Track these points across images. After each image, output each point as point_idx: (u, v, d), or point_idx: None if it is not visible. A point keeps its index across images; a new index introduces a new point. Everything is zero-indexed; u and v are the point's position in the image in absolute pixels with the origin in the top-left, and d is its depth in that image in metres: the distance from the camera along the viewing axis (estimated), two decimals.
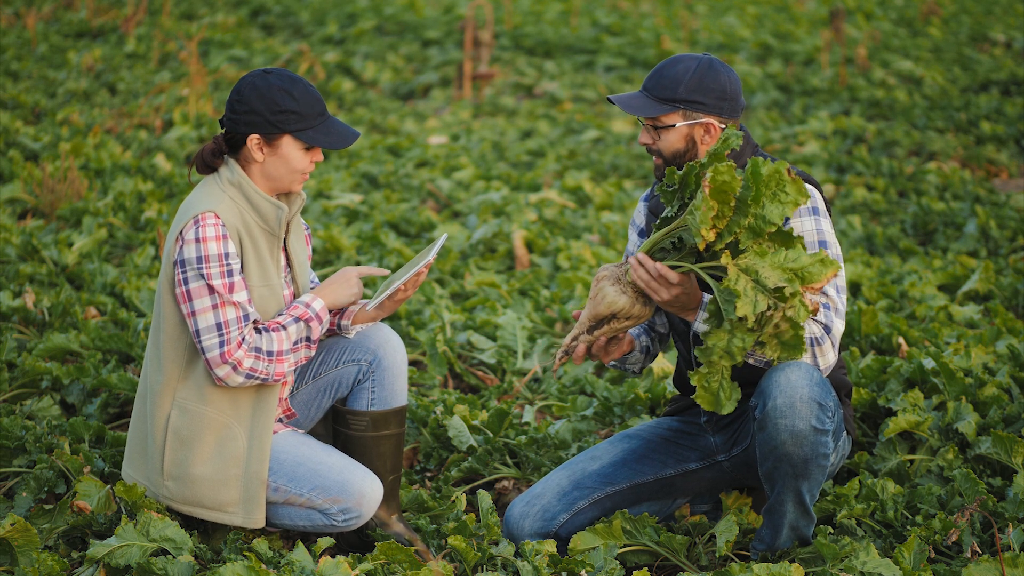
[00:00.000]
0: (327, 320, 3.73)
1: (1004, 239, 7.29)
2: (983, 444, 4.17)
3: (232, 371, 3.56)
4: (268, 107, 3.58)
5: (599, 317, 3.53)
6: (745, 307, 3.29)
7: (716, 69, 3.67)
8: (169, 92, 10.60)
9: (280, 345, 3.62)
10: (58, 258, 6.33)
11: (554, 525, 3.81)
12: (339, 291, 3.76)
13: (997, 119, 10.54)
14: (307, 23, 15.25)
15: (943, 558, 3.74)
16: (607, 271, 3.53)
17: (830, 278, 3.33)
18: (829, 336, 3.57)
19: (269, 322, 3.64)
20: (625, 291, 3.49)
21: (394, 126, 10.91)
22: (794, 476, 3.54)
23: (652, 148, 3.72)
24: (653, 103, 3.68)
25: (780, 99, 11.94)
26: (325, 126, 3.63)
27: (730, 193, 3.29)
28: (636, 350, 3.85)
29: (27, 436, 4.26)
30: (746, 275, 3.32)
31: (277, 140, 3.61)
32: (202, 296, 3.55)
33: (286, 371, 3.64)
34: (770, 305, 3.30)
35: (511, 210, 7.82)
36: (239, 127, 3.61)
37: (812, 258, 3.33)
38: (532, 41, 14.55)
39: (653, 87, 3.69)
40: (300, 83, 3.62)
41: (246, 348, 3.56)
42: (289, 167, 3.63)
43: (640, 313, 3.52)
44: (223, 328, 3.55)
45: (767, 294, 3.30)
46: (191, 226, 3.56)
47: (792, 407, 3.47)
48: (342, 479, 3.68)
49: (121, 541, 3.51)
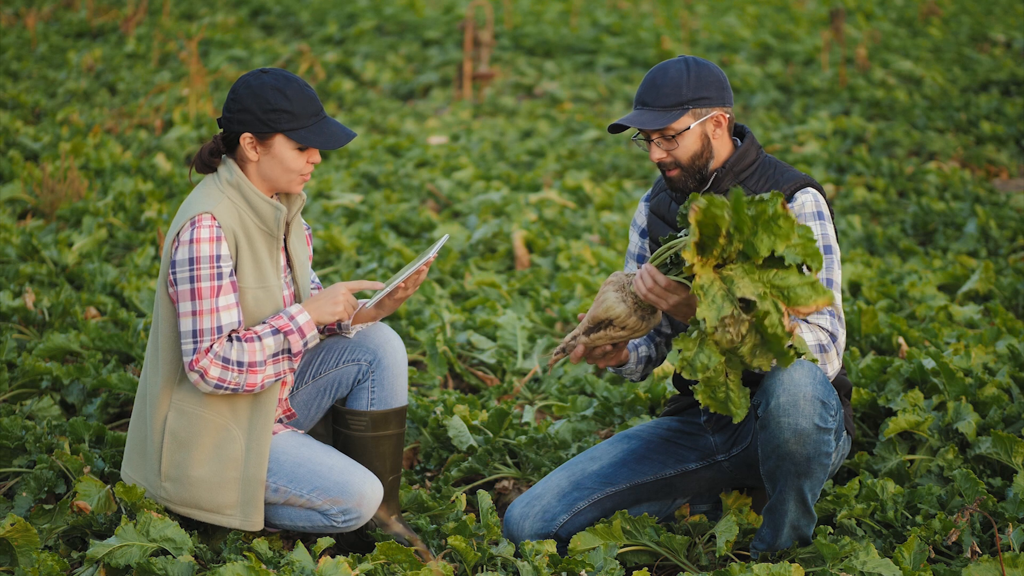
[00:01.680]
0: (313, 335, 3.65)
1: (1004, 239, 7.29)
2: (983, 444, 4.17)
3: (200, 379, 3.56)
4: (260, 105, 3.57)
5: (597, 320, 3.55)
6: (707, 310, 3.25)
7: (703, 64, 3.73)
8: (169, 92, 10.60)
9: (253, 356, 3.57)
10: (58, 258, 6.33)
11: (554, 526, 3.81)
12: (323, 307, 3.68)
13: (997, 119, 10.54)
14: (307, 23, 15.24)
15: (943, 558, 3.74)
16: (615, 277, 3.56)
17: (820, 306, 3.26)
18: (835, 344, 3.57)
19: (245, 331, 3.60)
20: (625, 300, 3.52)
21: (394, 126, 10.91)
22: (796, 475, 3.54)
23: (667, 161, 3.71)
24: (661, 113, 3.67)
25: (780, 99, 11.94)
26: (319, 126, 3.61)
27: (718, 226, 3.24)
28: (631, 361, 3.85)
29: (27, 436, 4.26)
30: (721, 282, 3.30)
31: (269, 139, 3.60)
32: (186, 300, 3.55)
33: (262, 383, 3.60)
34: (734, 314, 3.27)
35: (511, 210, 7.82)
36: (233, 125, 3.60)
37: (802, 280, 3.26)
38: (532, 41, 14.55)
39: (654, 99, 3.68)
40: (295, 83, 3.60)
41: (212, 357, 3.54)
42: (283, 167, 3.62)
43: (635, 326, 3.54)
44: (197, 336, 3.54)
45: (733, 303, 3.26)
46: (187, 227, 3.56)
47: (795, 405, 3.47)
48: (342, 480, 3.68)
49: (121, 541, 3.51)
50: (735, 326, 3.26)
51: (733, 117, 3.77)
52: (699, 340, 3.29)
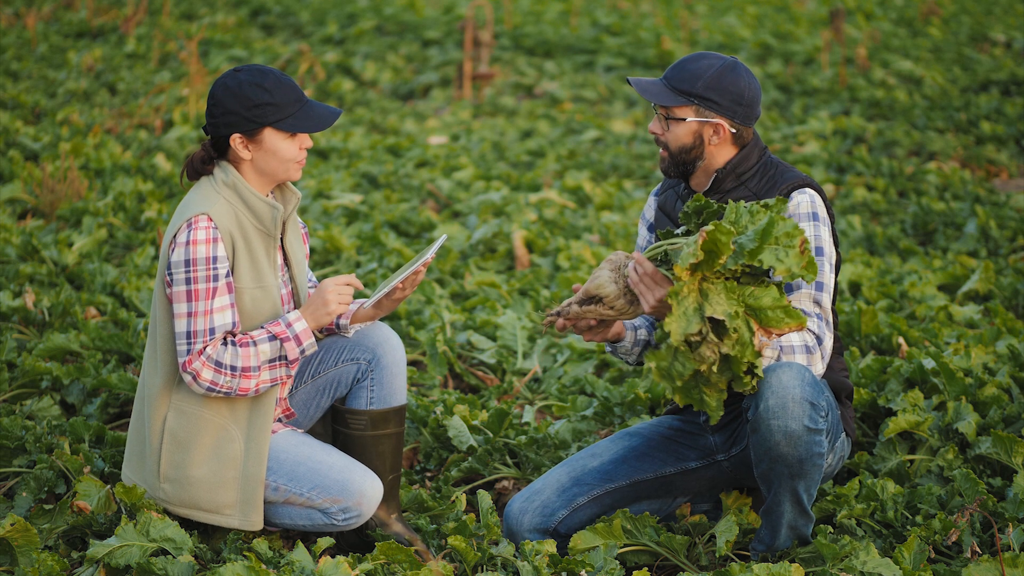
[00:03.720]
0: (310, 342, 3.64)
1: (1004, 239, 7.29)
2: (983, 444, 4.17)
3: (192, 380, 3.56)
4: (242, 104, 3.58)
5: (588, 294, 3.60)
6: (674, 323, 3.28)
7: (738, 72, 3.68)
8: (169, 92, 10.60)
9: (247, 361, 3.58)
10: (58, 258, 6.33)
11: (553, 521, 3.81)
12: (317, 311, 3.66)
13: (997, 119, 10.53)
14: (307, 23, 15.24)
15: (943, 558, 3.74)
16: (616, 256, 3.61)
17: (792, 329, 3.33)
18: (820, 347, 3.57)
19: (241, 336, 3.61)
20: (617, 281, 3.57)
21: (394, 126, 10.91)
22: (790, 476, 3.54)
23: (660, 139, 3.74)
24: (669, 92, 3.70)
25: (780, 99, 11.94)
26: (304, 111, 3.63)
27: (720, 253, 3.27)
28: (627, 341, 3.85)
29: (27, 436, 4.26)
30: (698, 294, 3.32)
31: (259, 135, 3.61)
32: (181, 301, 3.55)
33: (256, 388, 3.61)
34: (701, 331, 3.29)
35: (511, 210, 7.82)
36: (220, 130, 3.61)
37: (775, 302, 3.31)
38: (532, 41, 14.54)
39: (673, 77, 3.71)
40: (271, 74, 3.61)
41: (204, 360, 3.55)
42: (278, 158, 3.63)
43: (623, 308, 3.58)
44: (191, 337, 3.55)
45: (702, 320, 3.29)
46: (184, 229, 3.56)
47: (784, 408, 3.47)
48: (342, 478, 3.68)
49: (121, 541, 3.51)
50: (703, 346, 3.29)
51: (742, 134, 3.72)
52: (672, 349, 3.32)
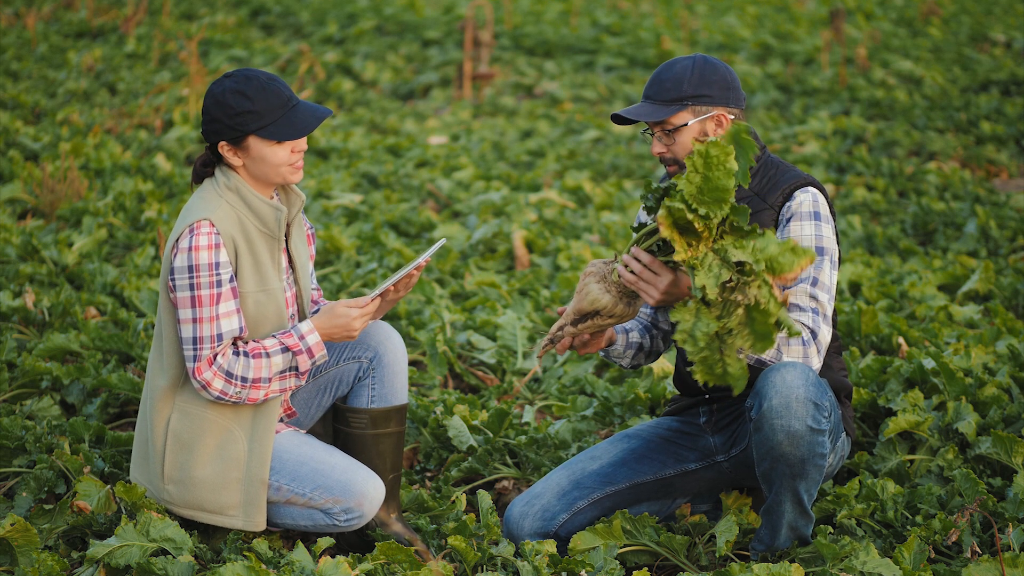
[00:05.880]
0: (322, 355, 3.64)
1: (1004, 239, 7.29)
2: (983, 444, 4.17)
3: (203, 389, 3.57)
4: (226, 112, 3.56)
5: (582, 312, 3.57)
6: (705, 278, 3.26)
7: (712, 63, 3.71)
8: (169, 92, 10.60)
9: (258, 372, 3.58)
10: (58, 258, 6.33)
11: (554, 525, 3.81)
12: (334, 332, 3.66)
13: (997, 119, 10.54)
14: (307, 23, 15.24)
15: (943, 558, 3.74)
16: (594, 267, 3.58)
17: (804, 267, 3.27)
18: (815, 341, 3.56)
19: (253, 345, 3.60)
20: (609, 290, 3.54)
21: (394, 126, 10.91)
22: (791, 476, 3.54)
23: (667, 156, 3.71)
24: (660, 107, 3.68)
25: (780, 99, 11.94)
26: (287, 117, 3.58)
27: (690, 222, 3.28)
28: (619, 344, 3.85)
29: (27, 436, 4.26)
30: (714, 253, 3.31)
31: (244, 142, 3.59)
32: (186, 307, 3.55)
33: (265, 397, 3.61)
34: (733, 278, 3.26)
35: (511, 210, 7.82)
36: (210, 136, 3.62)
37: (781, 247, 3.27)
38: (532, 41, 14.55)
39: (656, 93, 3.69)
40: (255, 80, 3.57)
41: (216, 369, 3.55)
42: (268, 163, 3.60)
43: (623, 312, 3.56)
44: (197, 343, 3.54)
45: (730, 267, 3.26)
46: (186, 234, 3.56)
47: (788, 407, 3.47)
48: (344, 479, 3.68)
49: (121, 541, 3.51)
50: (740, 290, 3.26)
51: (740, 119, 3.73)
52: (695, 310, 3.29)
